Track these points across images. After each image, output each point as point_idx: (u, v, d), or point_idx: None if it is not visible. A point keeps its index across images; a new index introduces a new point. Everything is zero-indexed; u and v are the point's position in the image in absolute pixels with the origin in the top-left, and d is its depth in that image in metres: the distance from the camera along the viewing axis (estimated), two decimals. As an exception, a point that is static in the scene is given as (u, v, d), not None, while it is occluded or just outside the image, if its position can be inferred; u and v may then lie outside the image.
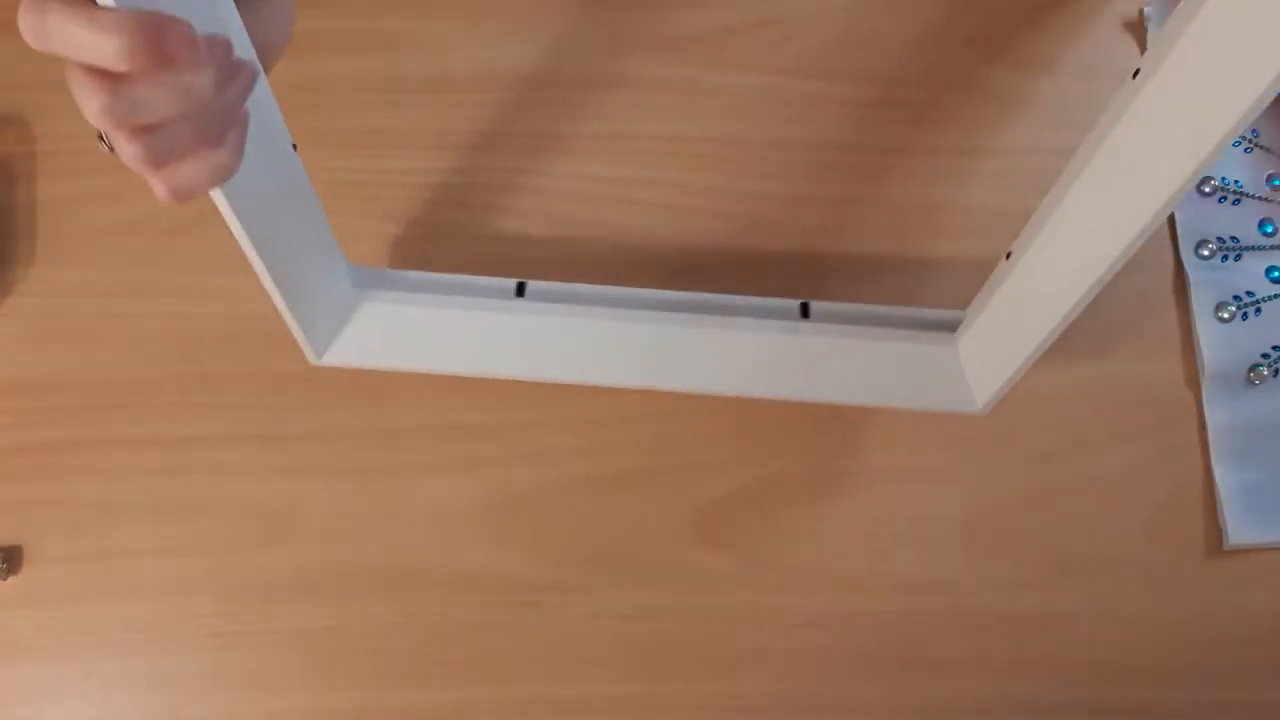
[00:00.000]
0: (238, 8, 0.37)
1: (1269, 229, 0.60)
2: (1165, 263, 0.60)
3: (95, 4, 0.30)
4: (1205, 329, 0.58)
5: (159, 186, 0.34)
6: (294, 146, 0.44)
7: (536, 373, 0.52)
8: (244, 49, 0.38)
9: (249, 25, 0.37)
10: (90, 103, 0.31)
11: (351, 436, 0.56)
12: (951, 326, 0.53)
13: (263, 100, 0.41)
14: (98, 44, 0.29)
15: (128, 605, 0.54)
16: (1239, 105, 0.33)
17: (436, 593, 0.55)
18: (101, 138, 0.37)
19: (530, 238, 0.58)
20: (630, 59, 0.58)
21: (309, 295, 0.49)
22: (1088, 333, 0.58)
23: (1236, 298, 0.59)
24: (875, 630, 0.56)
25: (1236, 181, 0.60)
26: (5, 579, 0.54)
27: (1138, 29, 0.61)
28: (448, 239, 0.58)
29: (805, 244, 0.58)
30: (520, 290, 0.53)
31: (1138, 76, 0.37)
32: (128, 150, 0.32)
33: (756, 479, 0.57)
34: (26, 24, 0.30)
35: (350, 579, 0.55)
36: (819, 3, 0.58)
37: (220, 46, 0.33)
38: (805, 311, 0.53)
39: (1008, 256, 0.47)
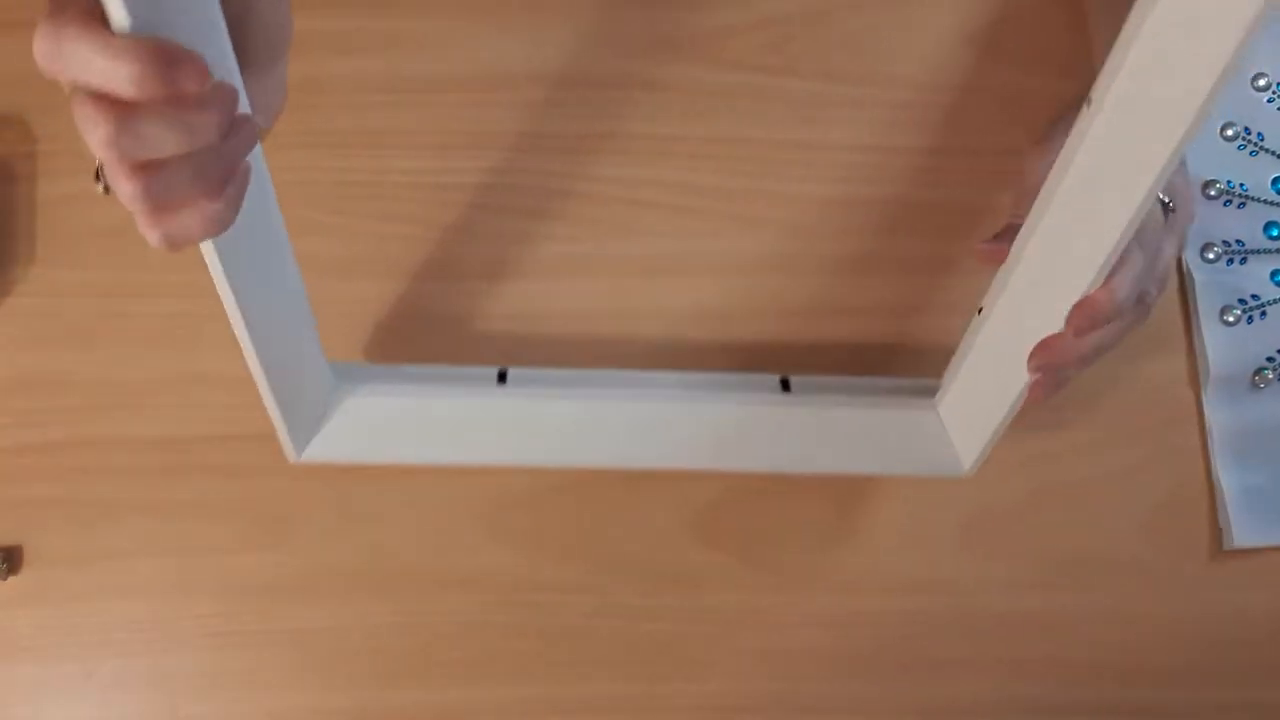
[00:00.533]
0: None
1: (1274, 232, 0.60)
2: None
3: (111, 31, 0.31)
4: (1210, 332, 0.58)
5: (152, 232, 0.34)
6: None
7: (521, 458, 0.52)
8: (245, 109, 0.38)
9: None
10: (96, 132, 0.31)
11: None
12: (932, 392, 0.53)
13: (261, 180, 0.42)
14: (111, 69, 0.30)
15: (128, 605, 0.54)
16: (1171, 142, 0.35)
17: (436, 593, 0.55)
18: (98, 176, 0.38)
19: (530, 238, 0.58)
20: (630, 59, 0.58)
21: (292, 388, 0.48)
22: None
23: (1241, 301, 0.59)
24: (875, 630, 0.56)
25: (1242, 185, 0.60)
26: (5, 579, 0.54)
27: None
28: (445, 239, 0.57)
29: (806, 244, 0.58)
30: (502, 378, 0.53)
31: (1090, 105, 0.38)
32: (126, 189, 0.32)
33: (756, 478, 0.57)
34: (41, 47, 0.32)
35: (350, 579, 0.55)
36: (819, 3, 0.58)
37: (227, 92, 0.33)
38: (786, 386, 0.54)
39: (979, 312, 0.47)
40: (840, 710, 0.56)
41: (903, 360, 0.58)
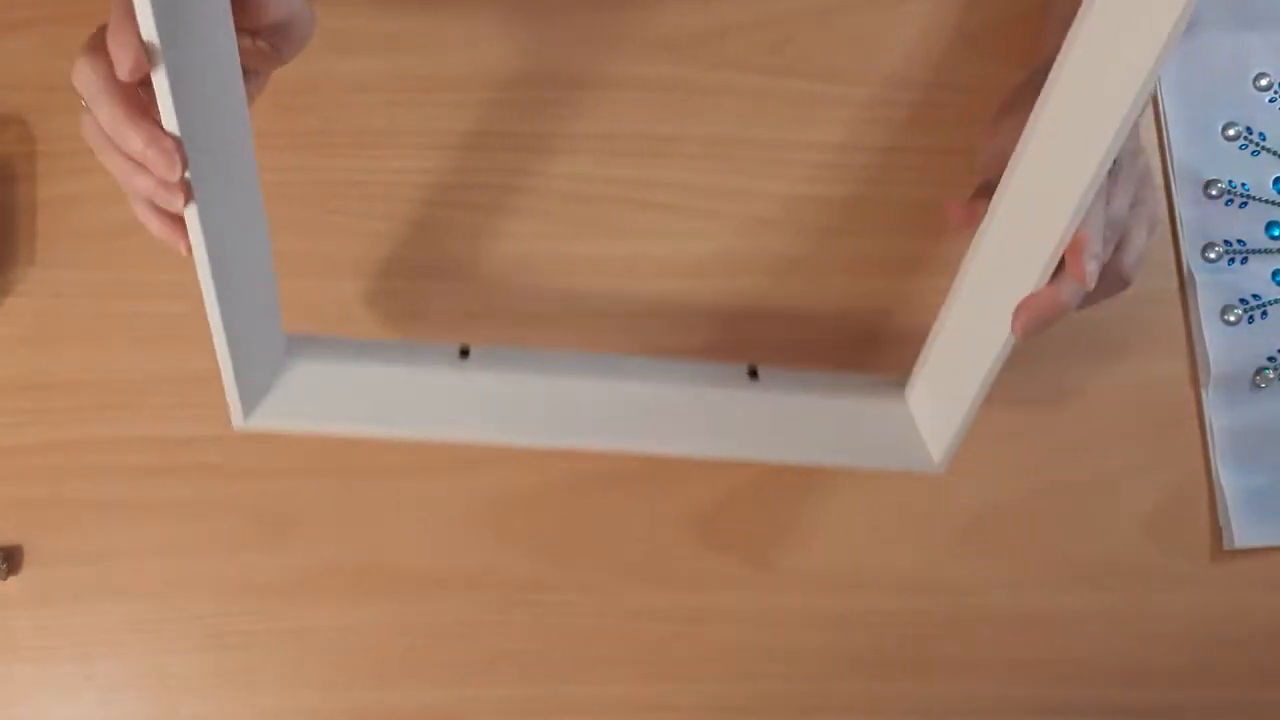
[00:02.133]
0: None
1: (1275, 232, 0.60)
2: (1169, 265, 0.60)
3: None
4: (1211, 332, 0.58)
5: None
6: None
7: (480, 435, 0.49)
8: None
9: None
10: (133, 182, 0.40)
11: (351, 436, 0.56)
12: (900, 389, 0.52)
13: (241, 140, 0.43)
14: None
15: (128, 605, 0.54)
16: (1108, 131, 0.37)
17: (436, 593, 0.55)
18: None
19: (530, 238, 0.58)
20: (630, 59, 0.58)
21: (247, 346, 0.46)
22: (1090, 333, 0.58)
23: (1243, 300, 0.59)
24: (875, 630, 0.56)
25: (1243, 185, 0.60)
26: (5, 579, 0.54)
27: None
28: (445, 239, 0.57)
29: (805, 244, 0.58)
30: (464, 353, 0.50)
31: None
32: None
33: (756, 478, 0.57)
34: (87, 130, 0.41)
35: (350, 579, 0.55)
36: (819, 3, 0.58)
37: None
38: (754, 374, 0.52)
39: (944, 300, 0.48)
40: (840, 710, 0.56)
41: (914, 357, 0.58)
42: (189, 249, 0.42)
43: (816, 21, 0.58)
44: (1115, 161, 0.43)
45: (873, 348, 0.58)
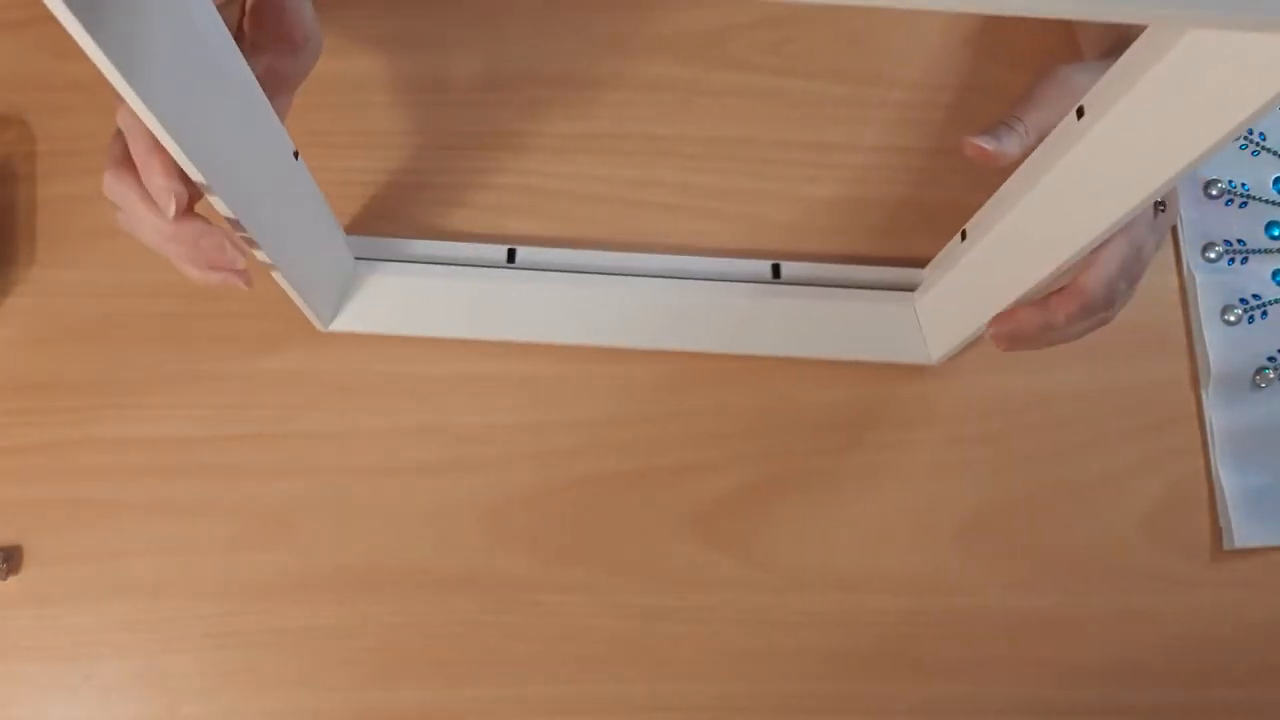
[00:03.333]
0: None
1: (1275, 232, 0.60)
2: (1169, 264, 0.60)
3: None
4: (1211, 332, 0.58)
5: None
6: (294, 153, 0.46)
7: (523, 333, 0.56)
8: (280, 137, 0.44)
9: None
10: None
11: (351, 436, 0.56)
12: (912, 286, 0.56)
13: (243, 82, 0.41)
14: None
15: (128, 605, 0.54)
16: (1195, 149, 0.33)
17: (436, 593, 0.55)
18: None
19: (528, 238, 0.58)
20: (630, 59, 0.58)
21: (312, 271, 0.51)
22: (1090, 334, 0.57)
23: (1243, 300, 0.59)
24: (875, 630, 0.56)
25: (1244, 184, 0.60)
26: (5, 579, 0.54)
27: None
28: (446, 239, 0.57)
29: (805, 244, 0.58)
30: (511, 256, 0.57)
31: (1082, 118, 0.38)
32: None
33: (756, 478, 0.57)
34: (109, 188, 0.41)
35: (350, 579, 0.55)
36: (819, 2, 0.58)
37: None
38: (776, 272, 0.57)
39: (962, 237, 0.47)
40: (840, 710, 0.56)
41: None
42: (248, 281, 0.45)
43: (817, 21, 0.58)
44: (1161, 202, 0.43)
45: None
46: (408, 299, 0.56)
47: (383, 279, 0.56)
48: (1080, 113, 0.37)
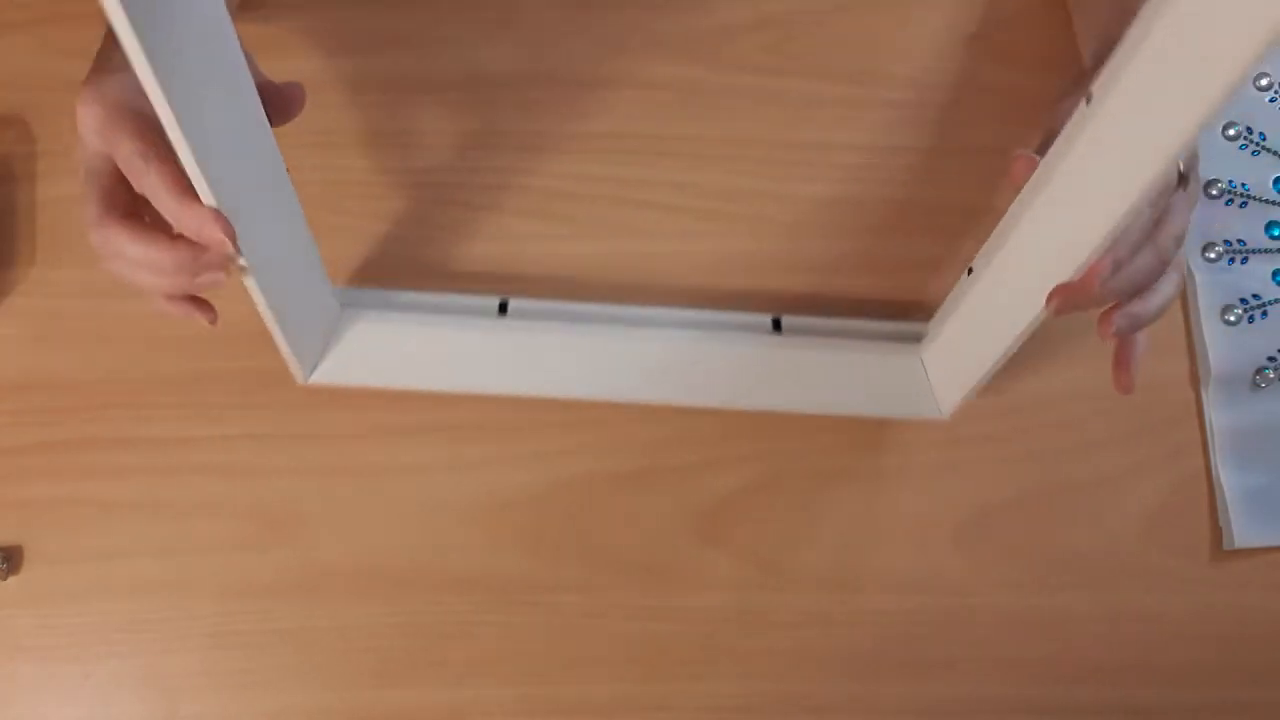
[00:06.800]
0: None
1: (1275, 232, 0.60)
2: (1167, 263, 0.59)
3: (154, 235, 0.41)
4: (1211, 332, 0.58)
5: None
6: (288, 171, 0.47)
7: (520, 388, 0.53)
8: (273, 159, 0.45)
9: None
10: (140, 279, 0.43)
11: (351, 436, 0.56)
12: (917, 338, 0.54)
13: (256, 118, 0.43)
14: (155, 262, 0.42)
15: (128, 605, 0.54)
16: (1187, 125, 0.34)
17: (436, 593, 0.55)
18: None
19: (529, 239, 0.58)
20: (630, 59, 0.58)
21: (297, 315, 0.50)
22: (1090, 333, 0.57)
23: (1243, 300, 0.59)
24: (875, 630, 0.56)
25: (1244, 184, 0.60)
26: (5, 579, 0.54)
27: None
28: (446, 239, 0.57)
29: (805, 244, 0.58)
30: (503, 308, 0.55)
31: (1090, 102, 0.38)
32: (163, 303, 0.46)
33: (756, 479, 0.57)
34: (96, 242, 0.42)
35: (350, 579, 0.55)
36: (819, 3, 0.58)
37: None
38: (777, 326, 0.55)
39: (969, 272, 0.47)
40: (840, 710, 0.56)
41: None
42: (213, 319, 0.46)
43: (816, 21, 0.58)
44: (1183, 175, 0.42)
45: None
46: (394, 349, 0.54)
47: (368, 327, 0.54)
48: (1089, 99, 0.37)
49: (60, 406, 0.56)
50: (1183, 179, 0.45)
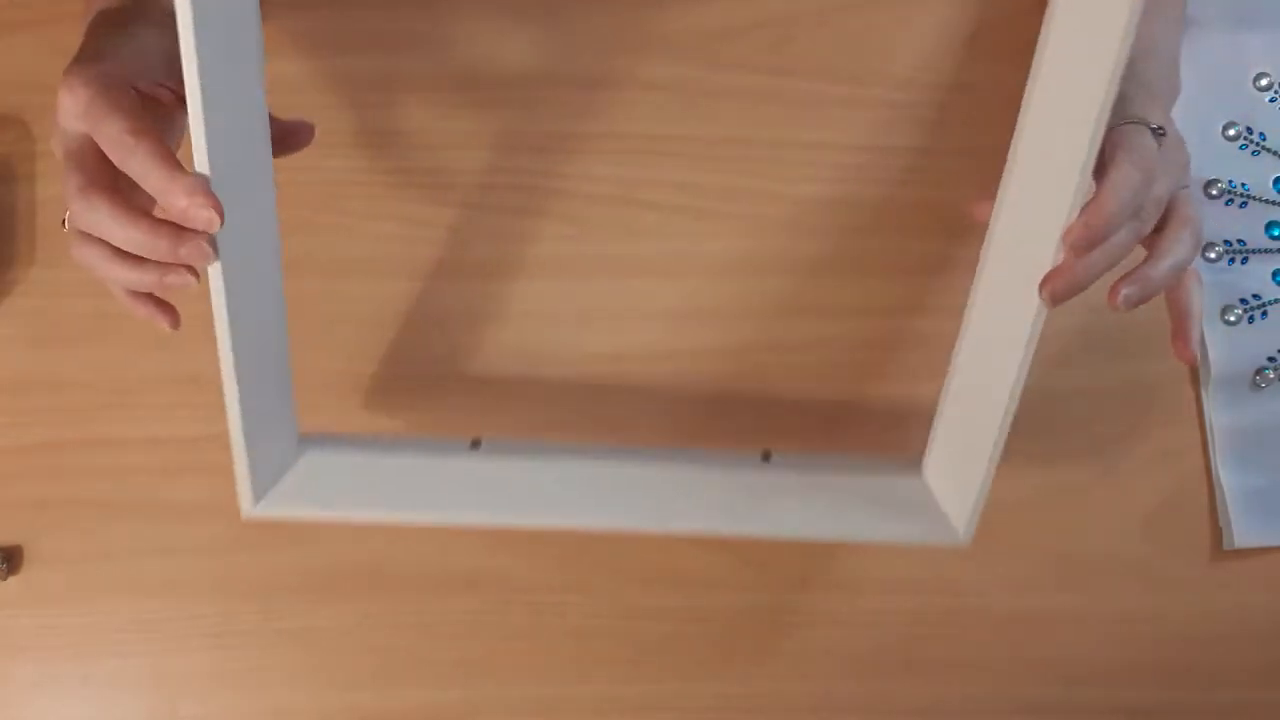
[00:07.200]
0: None
1: (1275, 232, 0.59)
2: (1167, 263, 0.60)
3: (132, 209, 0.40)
4: (1210, 332, 0.58)
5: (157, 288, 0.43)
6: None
7: (493, 519, 0.48)
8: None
9: None
10: (104, 271, 0.42)
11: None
12: (915, 464, 0.52)
13: (268, 234, 0.45)
14: (133, 240, 0.40)
15: (128, 605, 0.54)
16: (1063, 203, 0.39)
17: (436, 593, 0.55)
18: (65, 224, 0.44)
19: (529, 239, 0.58)
20: (630, 59, 0.58)
21: (262, 436, 0.47)
22: (1090, 333, 0.57)
23: (1243, 301, 0.59)
24: (875, 630, 0.56)
25: (1244, 184, 0.60)
26: (5, 579, 0.54)
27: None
28: (446, 240, 0.57)
29: (805, 244, 0.58)
30: (475, 445, 0.50)
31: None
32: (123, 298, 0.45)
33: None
34: (76, 215, 0.41)
35: (350, 579, 0.55)
36: (819, 3, 0.58)
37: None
38: (766, 458, 0.51)
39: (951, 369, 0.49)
40: (841, 710, 0.56)
41: (913, 357, 0.58)
42: (175, 324, 0.45)
43: (816, 21, 0.58)
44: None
45: (879, 350, 0.58)
46: (354, 479, 0.49)
47: (327, 457, 0.49)
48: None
49: (60, 406, 0.56)
50: (1159, 135, 0.45)
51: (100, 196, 0.40)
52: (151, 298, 0.45)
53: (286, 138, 0.47)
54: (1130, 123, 0.44)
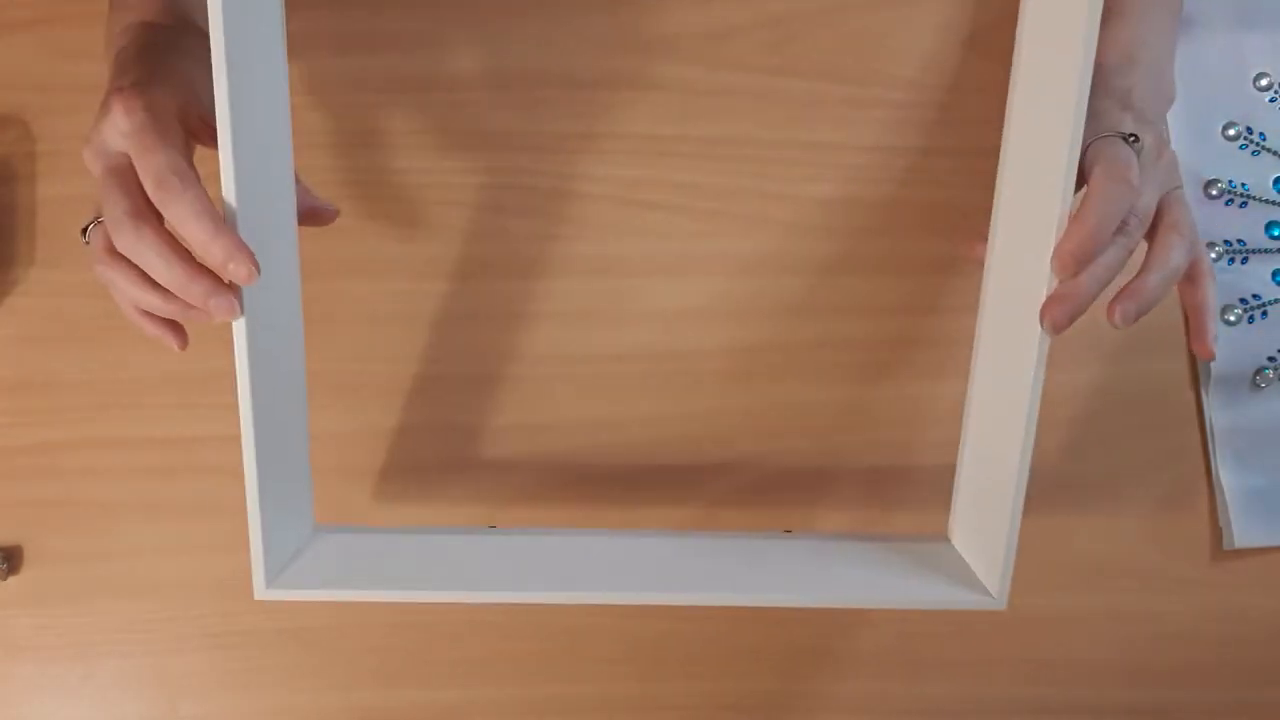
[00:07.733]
0: None
1: (1275, 232, 0.59)
2: (1167, 263, 0.60)
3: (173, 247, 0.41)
4: (1211, 332, 0.58)
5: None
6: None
7: (508, 595, 0.47)
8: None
9: None
10: (132, 296, 0.43)
11: (350, 436, 0.56)
12: (941, 536, 0.52)
13: (292, 323, 0.47)
14: (169, 277, 0.41)
15: (128, 605, 0.54)
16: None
17: (436, 593, 0.55)
18: (84, 232, 0.45)
19: (529, 239, 0.58)
20: (630, 59, 0.58)
21: (277, 515, 0.46)
22: (1090, 334, 0.57)
23: (1243, 301, 0.59)
24: (876, 630, 0.56)
25: (1244, 184, 0.60)
26: (5, 579, 0.54)
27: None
28: (446, 239, 0.57)
29: (806, 244, 0.58)
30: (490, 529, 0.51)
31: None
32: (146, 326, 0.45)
33: (755, 479, 0.57)
34: (121, 243, 0.41)
35: (350, 579, 0.55)
36: (819, 3, 0.58)
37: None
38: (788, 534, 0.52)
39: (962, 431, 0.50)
40: (840, 710, 0.56)
41: (913, 357, 0.58)
42: (184, 345, 0.46)
43: (817, 21, 0.58)
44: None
45: (879, 349, 0.58)
46: (367, 559, 0.48)
47: (342, 539, 0.50)
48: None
49: (60, 406, 0.56)
50: (1132, 143, 0.44)
51: (151, 229, 0.40)
52: (163, 319, 0.45)
53: (312, 215, 0.49)
54: (1103, 137, 0.44)
